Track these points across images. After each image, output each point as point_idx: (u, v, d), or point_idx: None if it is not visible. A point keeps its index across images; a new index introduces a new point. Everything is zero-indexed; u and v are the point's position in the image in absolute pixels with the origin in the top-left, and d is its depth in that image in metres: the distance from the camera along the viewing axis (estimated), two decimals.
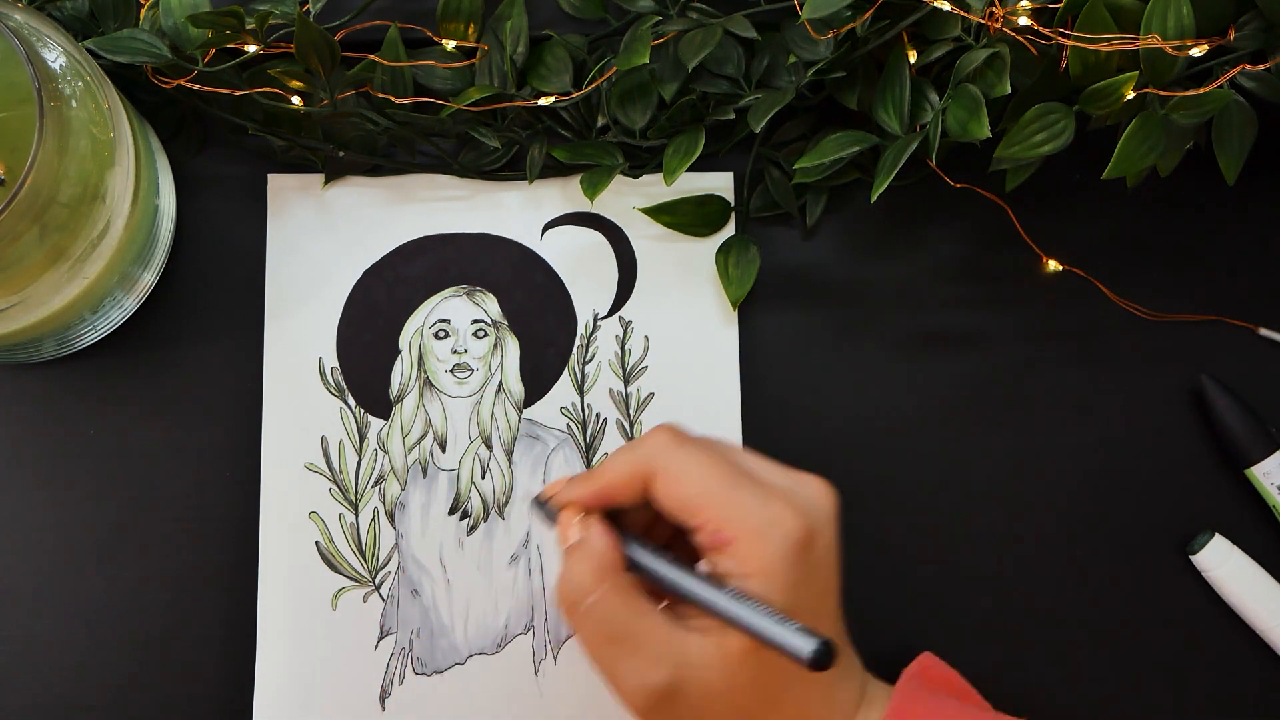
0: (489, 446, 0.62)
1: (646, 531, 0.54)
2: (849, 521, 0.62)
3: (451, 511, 0.62)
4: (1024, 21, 0.55)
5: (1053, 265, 0.64)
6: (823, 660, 0.46)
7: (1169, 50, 0.55)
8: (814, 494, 0.52)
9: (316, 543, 0.61)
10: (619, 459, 0.52)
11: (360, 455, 0.62)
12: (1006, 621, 0.62)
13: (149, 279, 0.61)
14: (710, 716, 0.50)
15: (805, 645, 0.47)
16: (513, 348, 0.63)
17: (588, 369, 0.63)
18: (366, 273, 0.63)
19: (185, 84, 0.59)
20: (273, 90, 0.59)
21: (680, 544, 0.53)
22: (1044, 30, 0.55)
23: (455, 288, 0.63)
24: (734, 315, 0.63)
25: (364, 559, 0.61)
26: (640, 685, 0.49)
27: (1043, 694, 0.61)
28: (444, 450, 0.62)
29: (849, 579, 0.62)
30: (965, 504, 0.62)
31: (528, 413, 0.63)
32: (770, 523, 0.49)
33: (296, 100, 0.60)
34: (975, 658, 0.62)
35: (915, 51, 0.59)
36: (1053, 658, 0.62)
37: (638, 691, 0.49)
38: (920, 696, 0.53)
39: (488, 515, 0.62)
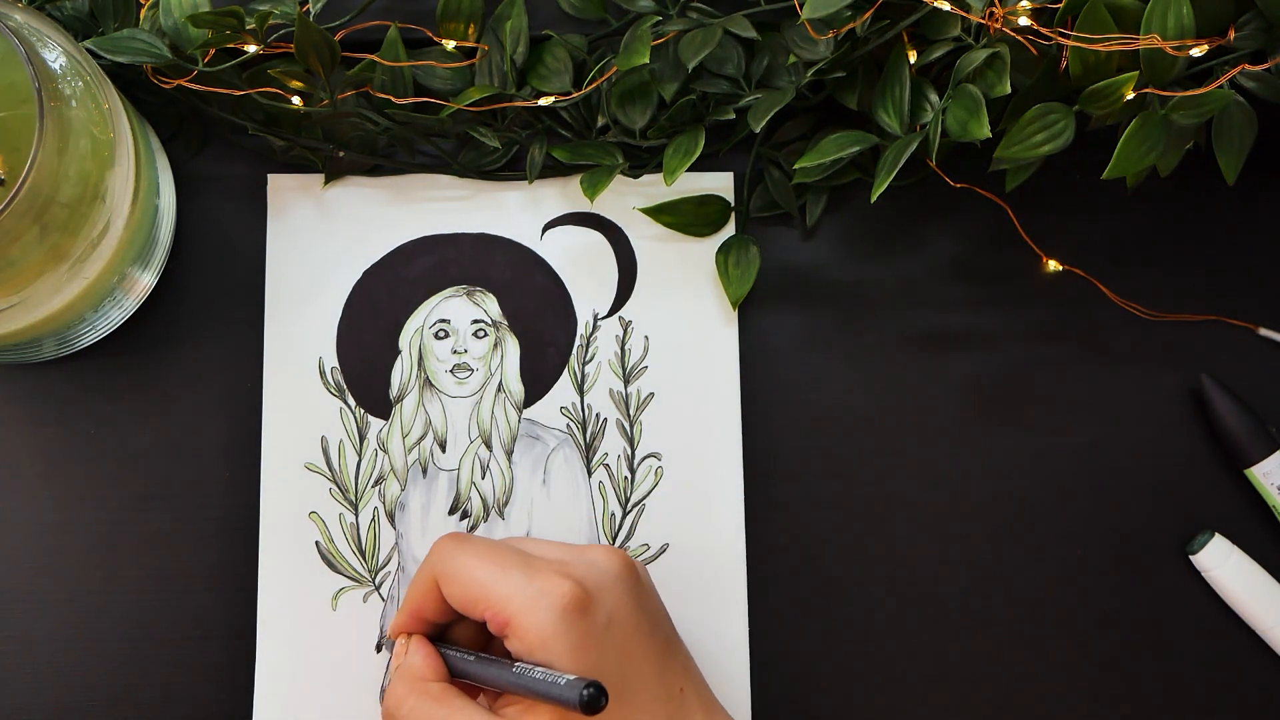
0: (489, 446, 0.62)
1: (484, 639, 0.56)
2: (849, 521, 0.62)
3: (451, 512, 0.62)
4: (1024, 21, 0.55)
5: (1053, 265, 0.64)
6: (593, 703, 0.47)
7: (1169, 50, 0.55)
8: (595, 559, 0.53)
9: (316, 543, 0.61)
10: (416, 578, 0.55)
11: (360, 455, 0.62)
12: (1006, 621, 0.62)
13: (149, 279, 0.61)
14: None
15: (570, 691, 0.48)
16: (513, 348, 0.63)
17: (588, 369, 0.63)
18: (366, 273, 0.63)
19: (185, 84, 0.59)
20: (273, 90, 0.59)
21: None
22: (1044, 30, 0.55)
23: (455, 288, 0.63)
24: (734, 315, 0.63)
25: (364, 559, 0.61)
26: None
27: (1042, 693, 0.61)
28: (444, 450, 0.62)
29: (848, 580, 0.62)
30: (965, 503, 0.62)
31: (528, 413, 0.63)
32: (538, 594, 0.51)
33: (296, 100, 0.60)
34: (974, 657, 0.62)
35: (915, 51, 0.59)
36: (1052, 657, 0.62)
37: None
38: None
39: (488, 515, 0.62)
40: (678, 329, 0.63)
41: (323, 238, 0.63)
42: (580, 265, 0.64)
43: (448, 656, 0.54)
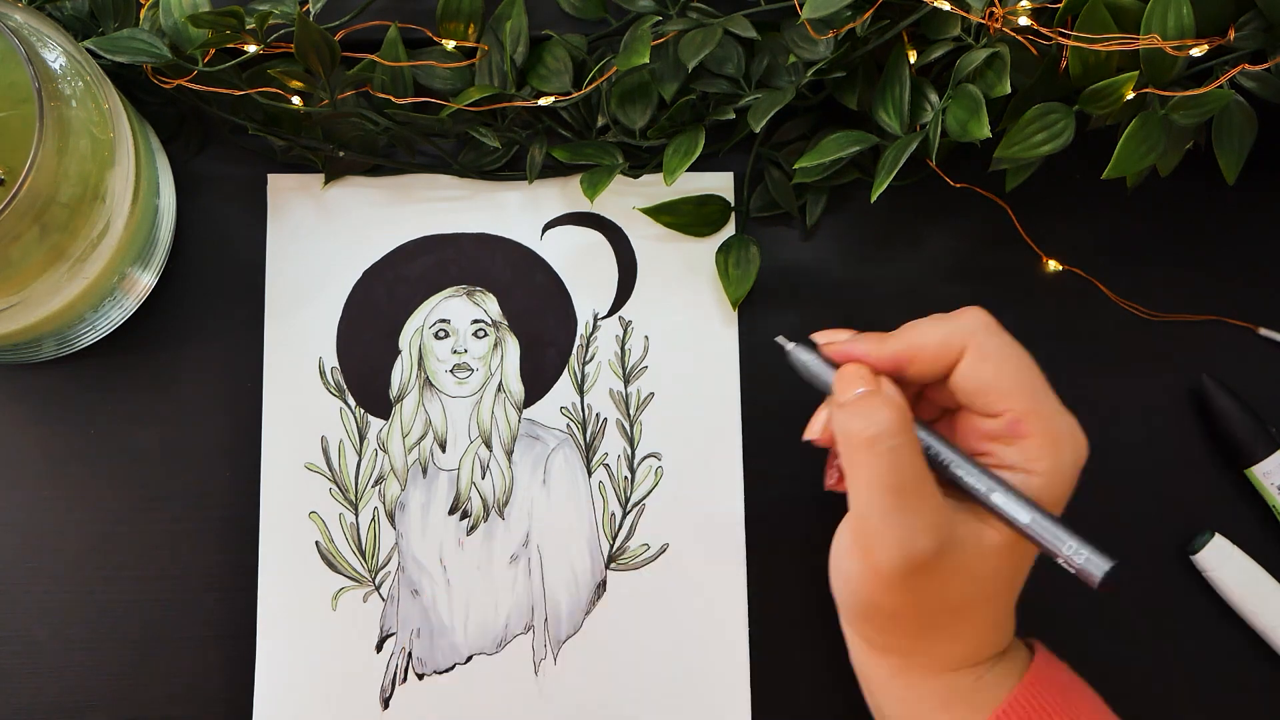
0: (489, 446, 0.62)
1: None
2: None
3: (451, 511, 0.62)
4: (1024, 21, 0.55)
5: (1053, 265, 0.64)
6: (1113, 579, 0.47)
7: (1169, 50, 0.55)
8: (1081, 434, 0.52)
9: (316, 543, 0.61)
10: (928, 327, 0.52)
11: (360, 455, 0.62)
12: None
13: (149, 279, 0.61)
14: (935, 598, 0.50)
15: (1100, 561, 0.47)
16: (513, 348, 0.63)
17: (588, 369, 0.63)
18: (366, 273, 0.63)
19: (185, 84, 0.59)
20: (273, 90, 0.59)
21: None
22: (1044, 30, 0.56)
23: (455, 288, 0.63)
24: (734, 315, 0.63)
25: (364, 559, 0.61)
26: (905, 545, 0.49)
27: None
28: (444, 450, 0.62)
29: None
30: None
31: (528, 413, 0.63)
32: (1068, 433, 0.51)
33: (296, 100, 0.60)
34: None
35: (915, 51, 0.59)
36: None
37: (900, 551, 0.49)
38: (1057, 667, 0.55)
39: (488, 515, 0.62)
40: (678, 329, 0.63)
41: (323, 238, 0.63)
42: (580, 265, 0.64)
43: (916, 427, 0.51)
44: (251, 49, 0.58)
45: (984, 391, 0.51)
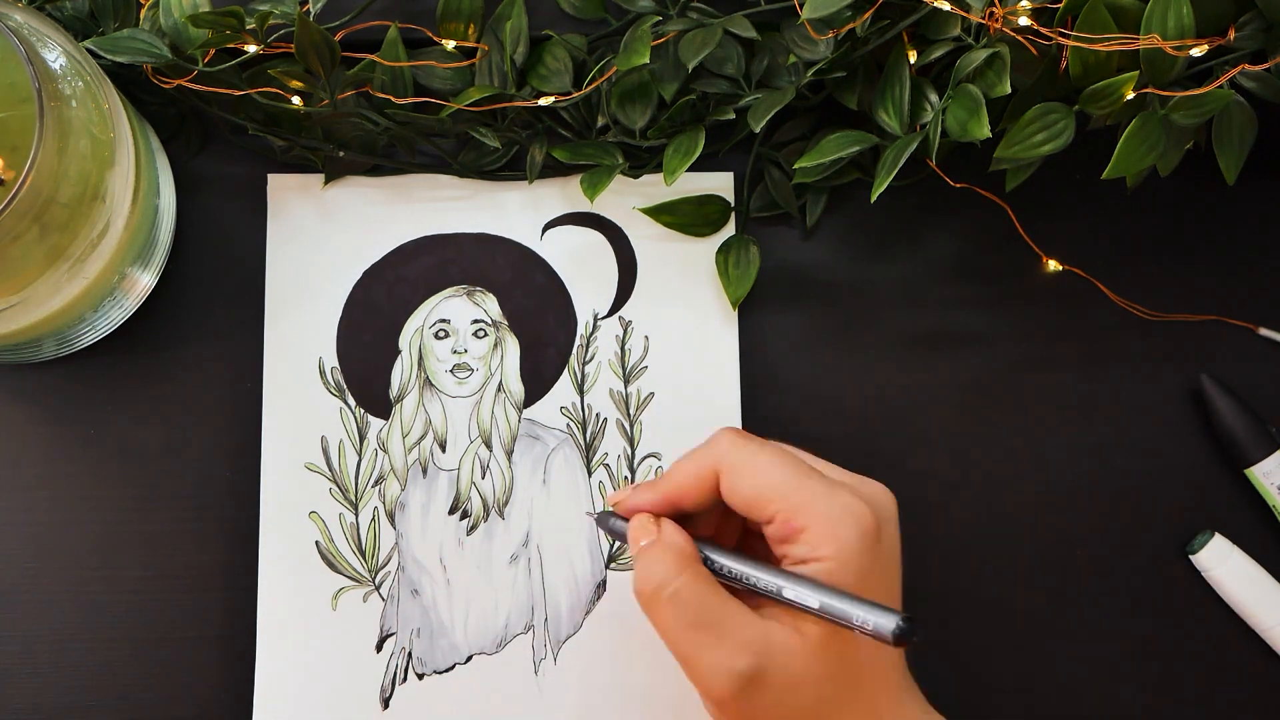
0: (489, 446, 0.62)
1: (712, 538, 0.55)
2: None
3: (451, 511, 0.62)
4: (1024, 21, 0.55)
5: (1053, 265, 0.64)
6: (905, 634, 0.47)
7: (1169, 50, 0.55)
8: (876, 491, 0.53)
9: (316, 543, 0.61)
10: (684, 463, 0.53)
11: (360, 455, 0.62)
12: (1006, 621, 0.62)
13: (149, 279, 0.61)
14: (786, 708, 0.50)
15: (887, 621, 0.47)
16: (513, 348, 0.63)
17: (588, 369, 0.63)
18: (366, 273, 0.63)
19: (185, 84, 0.59)
20: (273, 90, 0.59)
21: (746, 548, 0.54)
22: (1044, 30, 0.55)
23: (455, 288, 0.63)
24: (734, 315, 0.63)
25: (364, 559, 0.61)
26: (725, 672, 0.49)
27: (1042, 693, 0.61)
28: (444, 450, 0.62)
29: None
30: (965, 503, 0.62)
31: (528, 413, 0.63)
32: (842, 509, 0.50)
33: (296, 100, 0.60)
34: (975, 657, 0.62)
35: (915, 51, 0.59)
36: (1052, 657, 0.62)
37: (722, 678, 0.49)
38: None
39: (488, 515, 0.62)
40: (678, 329, 0.63)
41: (323, 238, 0.63)
42: (580, 265, 0.64)
43: (706, 550, 0.52)
44: (251, 49, 0.58)
45: (749, 504, 0.52)
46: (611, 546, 0.62)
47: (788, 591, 0.50)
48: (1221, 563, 0.61)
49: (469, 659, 0.61)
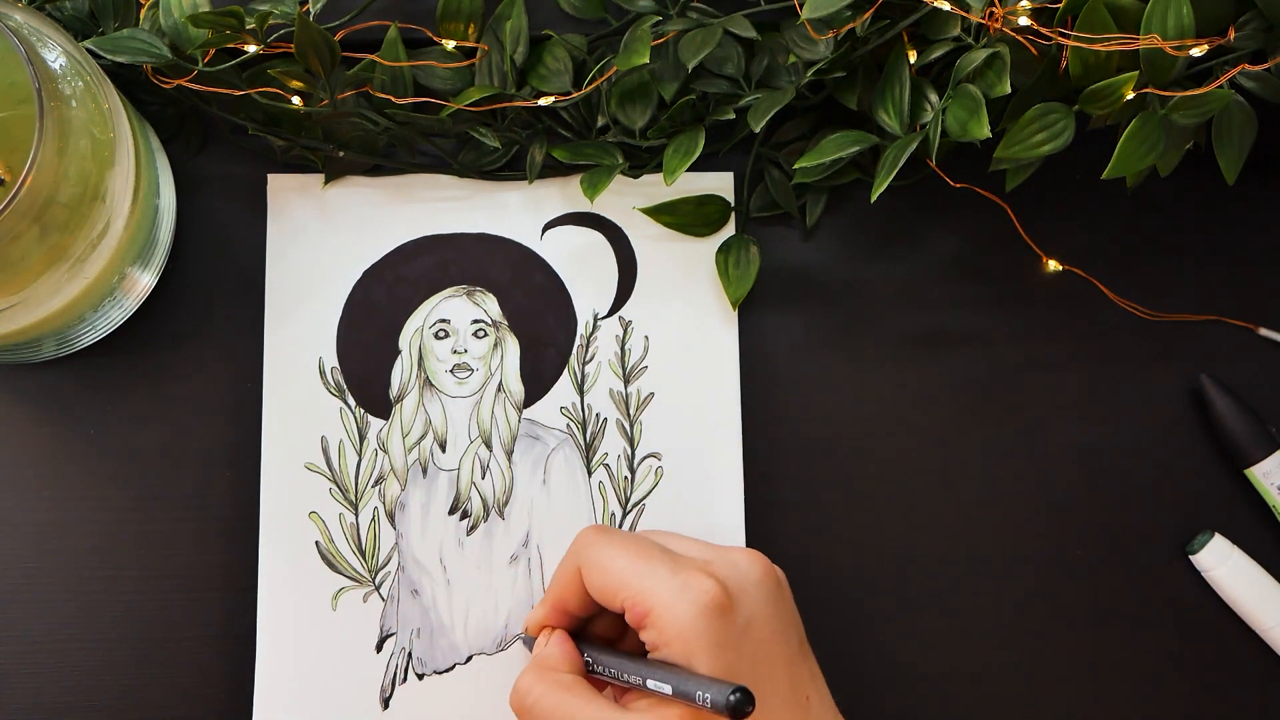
0: (489, 446, 0.62)
1: (619, 636, 0.56)
2: (848, 521, 0.62)
3: (451, 511, 0.62)
4: (1024, 21, 0.55)
5: (1053, 265, 0.64)
6: (740, 707, 0.47)
7: (1169, 50, 0.55)
8: (738, 561, 0.54)
9: (316, 543, 0.61)
10: (560, 569, 0.56)
11: (360, 455, 0.62)
12: (1006, 621, 0.62)
13: (149, 279, 0.61)
14: None
15: (717, 692, 0.47)
16: (513, 348, 0.63)
17: (588, 369, 0.63)
18: (366, 273, 0.63)
19: (185, 84, 0.59)
20: (273, 90, 0.59)
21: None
22: (1044, 30, 0.55)
23: (455, 288, 0.63)
24: (734, 315, 0.63)
25: (364, 559, 0.61)
26: None
27: (1043, 693, 0.61)
28: (444, 450, 0.62)
29: (847, 579, 0.62)
30: (965, 504, 0.62)
31: (528, 413, 0.63)
32: (681, 588, 0.51)
33: (296, 100, 0.60)
34: (974, 657, 0.62)
35: (915, 51, 0.59)
36: (1052, 657, 0.62)
37: None
38: None
39: (488, 515, 0.62)
40: (678, 329, 0.63)
41: (323, 238, 0.63)
42: (580, 265, 0.64)
43: (584, 650, 0.55)
44: (251, 49, 0.58)
45: (602, 596, 0.54)
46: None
47: (650, 682, 0.51)
48: (1221, 563, 0.61)
49: (469, 659, 0.61)
